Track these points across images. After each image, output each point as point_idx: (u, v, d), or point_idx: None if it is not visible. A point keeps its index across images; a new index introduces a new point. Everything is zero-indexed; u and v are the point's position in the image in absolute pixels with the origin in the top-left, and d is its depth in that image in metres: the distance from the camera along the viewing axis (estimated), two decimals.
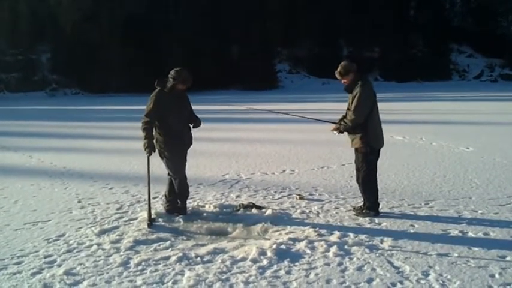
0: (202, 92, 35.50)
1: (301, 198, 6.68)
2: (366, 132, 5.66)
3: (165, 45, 41.62)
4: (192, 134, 6.06)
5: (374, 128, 5.71)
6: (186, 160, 6.02)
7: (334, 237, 5.05)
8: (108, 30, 42.49)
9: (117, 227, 5.54)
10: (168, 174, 5.99)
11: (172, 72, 5.70)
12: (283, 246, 4.80)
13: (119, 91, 40.44)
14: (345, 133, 5.90)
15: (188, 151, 6.06)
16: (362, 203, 5.97)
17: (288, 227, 5.47)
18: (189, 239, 5.20)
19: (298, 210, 6.11)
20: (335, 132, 5.95)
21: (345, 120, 5.78)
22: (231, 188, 7.46)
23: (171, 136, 5.72)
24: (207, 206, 6.33)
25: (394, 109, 20.33)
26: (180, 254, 4.65)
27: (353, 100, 5.65)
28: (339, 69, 5.78)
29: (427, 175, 8.10)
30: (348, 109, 5.80)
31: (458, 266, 4.29)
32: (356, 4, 51.59)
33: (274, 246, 4.78)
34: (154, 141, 5.71)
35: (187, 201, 6.18)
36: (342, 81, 5.82)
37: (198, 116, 6.08)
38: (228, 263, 4.45)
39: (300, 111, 19.27)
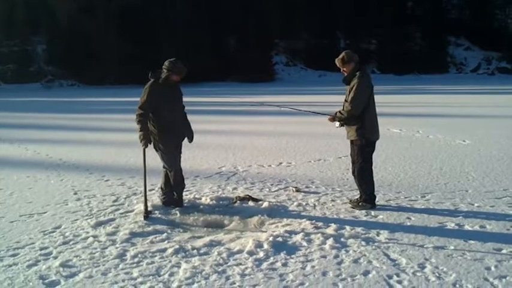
0: (199, 84, 35.44)
1: (298, 190, 6.68)
2: (362, 124, 5.65)
3: (161, 37, 41.44)
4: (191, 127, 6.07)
5: (370, 120, 5.71)
6: (181, 152, 6.01)
7: (330, 229, 5.05)
8: (104, 22, 42.25)
9: (113, 219, 5.52)
10: (163, 166, 5.98)
11: (166, 63, 5.67)
12: (279, 239, 4.80)
13: (116, 83, 40.33)
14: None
15: (184, 143, 6.05)
16: (358, 195, 5.97)
17: (285, 219, 5.47)
18: (185, 231, 5.19)
19: (295, 203, 6.11)
20: (336, 124, 5.94)
21: (341, 111, 5.76)
22: (227, 180, 7.45)
23: (165, 128, 5.69)
24: (203, 199, 6.32)
25: (391, 102, 20.34)
26: (177, 246, 4.64)
27: (350, 91, 5.63)
28: (342, 56, 5.74)
29: (424, 168, 8.11)
30: (346, 101, 5.79)
31: (454, 259, 4.30)
32: None
33: (270, 238, 4.77)
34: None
35: (184, 193, 6.17)
36: (342, 69, 5.80)
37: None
38: (224, 255, 4.44)
39: (297, 103, 19.25)
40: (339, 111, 5.79)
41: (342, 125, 5.89)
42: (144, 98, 5.59)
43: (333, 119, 5.88)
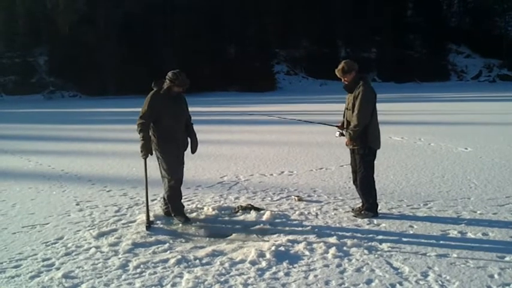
0: (200, 93, 35.54)
1: (300, 199, 6.68)
2: (365, 133, 5.65)
3: (162, 47, 41.62)
4: (196, 137, 6.03)
5: (373, 129, 5.70)
6: (183, 163, 5.93)
7: (333, 238, 5.05)
8: (105, 32, 42.48)
9: (115, 230, 5.52)
10: (163, 176, 5.91)
11: (169, 74, 5.69)
12: (282, 248, 4.80)
13: (117, 93, 40.39)
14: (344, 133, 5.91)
15: (186, 153, 6.04)
16: (361, 204, 5.96)
17: (287, 228, 5.47)
18: (187, 241, 5.19)
19: (297, 212, 6.11)
20: (337, 134, 5.98)
21: (353, 123, 5.64)
22: (229, 190, 7.45)
23: (165, 137, 5.69)
24: (205, 208, 6.32)
25: (392, 110, 20.36)
26: (179, 257, 4.64)
27: (354, 100, 5.62)
28: (341, 66, 5.72)
29: (426, 176, 8.10)
30: (347, 109, 5.79)
31: (457, 267, 4.29)
32: (354, 5, 51.75)
33: (273, 248, 4.77)
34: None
35: (186, 203, 6.16)
36: (343, 79, 5.79)
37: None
38: (226, 265, 4.44)
39: (299, 112, 19.28)
40: (351, 129, 5.68)
41: (341, 134, 5.92)
42: (145, 108, 5.62)
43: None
